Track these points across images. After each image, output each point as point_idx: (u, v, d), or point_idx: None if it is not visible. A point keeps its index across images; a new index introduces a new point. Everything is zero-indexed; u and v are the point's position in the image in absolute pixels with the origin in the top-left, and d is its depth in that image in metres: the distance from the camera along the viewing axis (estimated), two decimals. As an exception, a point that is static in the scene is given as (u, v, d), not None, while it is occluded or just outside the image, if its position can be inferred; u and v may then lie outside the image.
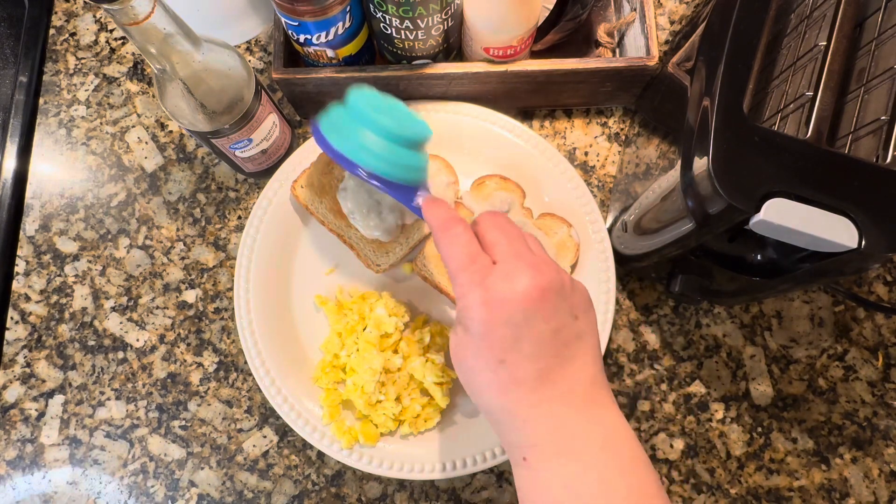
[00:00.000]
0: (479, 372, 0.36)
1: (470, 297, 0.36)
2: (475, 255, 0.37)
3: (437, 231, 0.39)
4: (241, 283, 0.55)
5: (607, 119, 0.63)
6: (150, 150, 0.63)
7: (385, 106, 0.44)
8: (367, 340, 0.52)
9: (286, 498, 0.55)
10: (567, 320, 0.36)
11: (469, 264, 0.37)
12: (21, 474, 0.56)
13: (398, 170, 0.42)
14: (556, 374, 0.35)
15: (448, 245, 0.38)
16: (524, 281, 0.35)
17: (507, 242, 0.38)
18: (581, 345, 0.37)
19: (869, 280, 0.59)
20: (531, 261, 0.36)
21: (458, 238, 0.38)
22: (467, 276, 0.36)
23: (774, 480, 0.54)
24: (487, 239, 0.38)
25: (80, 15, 0.67)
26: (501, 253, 0.37)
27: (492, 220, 0.40)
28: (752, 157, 0.36)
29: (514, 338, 0.35)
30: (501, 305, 0.35)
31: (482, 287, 0.36)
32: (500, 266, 0.36)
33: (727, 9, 0.42)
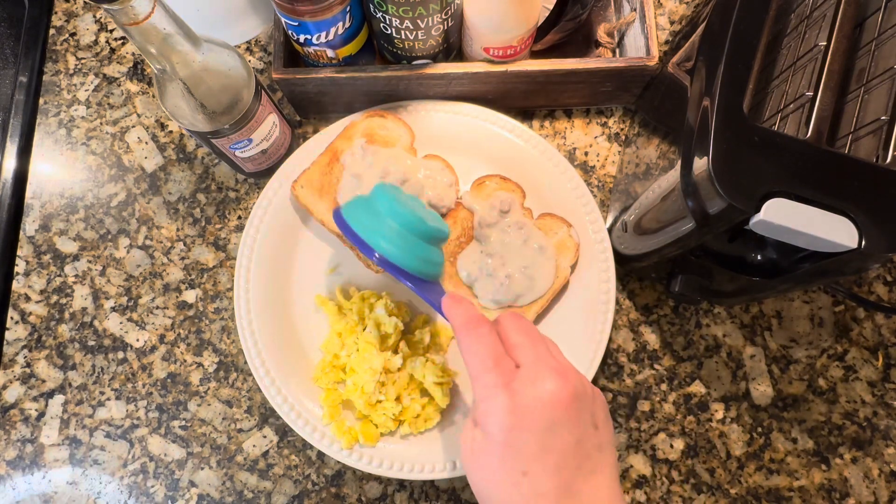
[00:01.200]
0: (499, 484, 0.34)
1: (494, 400, 0.34)
2: (500, 358, 0.36)
3: (461, 330, 0.38)
4: (241, 283, 0.55)
5: (607, 119, 0.63)
6: (150, 150, 0.63)
7: (406, 200, 0.45)
8: (367, 340, 0.52)
9: (286, 498, 0.55)
10: (590, 430, 0.35)
11: (494, 366, 0.35)
12: (21, 474, 0.56)
13: (414, 261, 0.42)
14: (578, 488, 0.34)
15: (472, 344, 0.37)
16: (550, 386, 0.34)
17: (532, 345, 0.37)
18: (602, 457, 0.35)
19: (869, 280, 0.59)
20: (555, 366, 0.36)
21: (483, 339, 0.37)
22: (491, 379, 0.35)
23: (774, 480, 0.54)
24: (511, 341, 0.37)
25: (80, 15, 0.67)
26: (525, 356, 0.36)
27: (515, 322, 0.39)
28: (752, 157, 0.36)
29: (539, 448, 0.34)
30: (527, 412, 0.34)
31: (508, 391, 0.34)
32: (524, 370, 0.35)
33: (727, 9, 0.42)
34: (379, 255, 0.42)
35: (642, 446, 0.55)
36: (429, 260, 0.44)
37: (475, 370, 0.36)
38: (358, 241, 0.43)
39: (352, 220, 0.44)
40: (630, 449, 0.55)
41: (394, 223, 0.42)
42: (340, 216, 0.45)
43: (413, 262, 0.42)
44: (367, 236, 0.42)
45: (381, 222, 0.43)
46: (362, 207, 0.44)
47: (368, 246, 0.42)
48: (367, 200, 0.45)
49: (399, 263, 0.42)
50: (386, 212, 0.43)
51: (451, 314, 0.40)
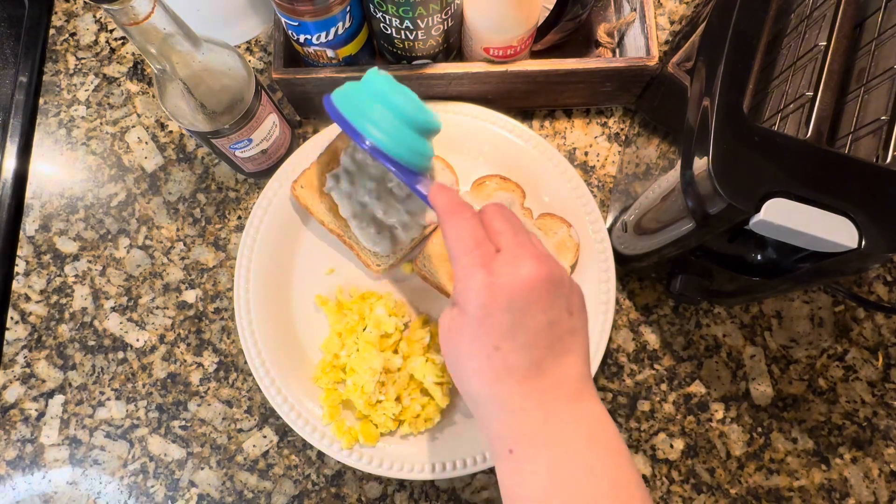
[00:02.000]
0: (471, 357, 0.36)
1: (472, 279, 0.36)
2: (480, 240, 0.37)
3: (444, 214, 0.39)
4: (241, 283, 0.55)
5: (607, 119, 0.63)
6: (150, 150, 0.63)
7: (400, 88, 0.44)
8: (367, 340, 0.52)
9: (286, 498, 0.55)
10: (563, 314, 0.36)
11: (474, 248, 0.37)
12: (21, 474, 0.56)
13: (404, 150, 0.42)
14: (548, 366, 0.36)
15: (454, 227, 0.38)
16: (527, 268, 0.35)
17: (513, 232, 0.38)
18: (574, 340, 0.37)
19: (869, 280, 0.59)
20: (534, 252, 0.37)
21: (465, 222, 0.38)
22: (471, 259, 0.36)
23: (774, 480, 0.54)
24: (493, 227, 0.38)
25: (80, 15, 0.67)
26: (506, 241, 0.37)
27: (497, 209, 0.40)
28: (752, 157, 0.36)
29: (512, 325, 0.35)
30: (503, 290, 0.35)
31: (486, 270, 0.36)
32: (504, 253, 0.37)
33: (727, 9, 0.42)
34: (370, 143, 0.41)
35: (642, 446, 0.55)
36: (419, 151, 0.43)
37: (456, 252, 0.37)
38: (348, 127, 0.42)
39: (342, 106, 0.43)
40: (630, 449, 0.55)
41: (386, 111, 0.41)
42: (331, 102, 0.43)
43: (404, 151, 0.42)
44: (358, 123, 0.42)
45: (372, 109, 0.42)
46: (353, 93, 0.43)
47: (359, 132, 0.41)
48: (359, 87, 0.43)
49: (390, 152, 0.41)
50: (379, 99, 0.42)
51: (436, 201, 0.40)
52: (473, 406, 0.38)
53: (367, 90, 0.43)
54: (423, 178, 0.44)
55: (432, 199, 0.41)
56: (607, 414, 0.37)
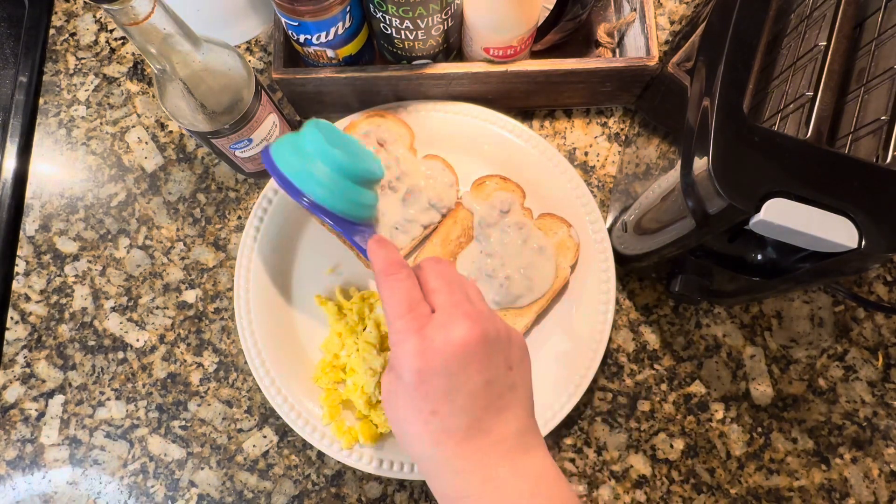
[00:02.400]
0: (410, 422, 0.36)
1: (405, 345, 0.35)
2: (414, 303, 0.37)
3: (380, 274, 0.38)
4: (241, 283, 0.55)
5: (607, 119, 0.63)
6: (150, 150, 0.63)
7: (339, 140, 0.43)
8: (367, 340, 0.52)
9: (286, 498, 0.55)
10: (500, 372, 0.36)
11: (407, 311, 0.36)
12: (21, 474, 0.56)
13: (344, 203, 0.41)
14: (488, 425, 0.35)
15: (388, 289, 0.37)
16: (460, 331, 0.35)
17: (448, 291, 0.37)
18: (513, 395, 0.37)
19: (869, 280, 0.59)
20: (469, 311, 0.36)
21: (399, 283, 0.37)
22: (404, 324, 0.36)
23: (774, 480, 0.54)
24: (428, 286, 0.38)
25: (80, 15, 0.67)
26: (440, 301, 0.37)
27: (434, 267, 0.39)
28: (752, 157, 0.36)
29: (448, 389, 0.35)
30: (436, 355, 0.35)
31: (419, 335, 0.35)
32: (437, 315, 0.36)
33: (727, 9, 0.42)
34: (308, 199, 0.40)
35: (642, 446, 0.55)
36: (359, 202, 0.42)
37: (391, 315, 0.37)
38: (286, 183, 0.41)
39: (280, 161, 0.42)
40: (630, 449, 0.55)
41: (323, 167, 0.41)
42: (269, 156, 0.43)
43: (342, 204, 0.41)
44: (295, 178, 0.41)
45: (309, 163, 0.41)
46: (291, 147, 0.42)
47: (297, 188, 0.41)
48: (295, 139, 0.43)
49: (328, 206, 0.41)
50: (315, 152, 0.41)
51: (373, 257, 0.40)
52: (420, 468, 0.38)
53: (305, 143, 0.42)
54: (364, 229, 0.43)
55: (371, 255, 0.40)
56: (553, 465, 0.37)
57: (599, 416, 0.56)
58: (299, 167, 0.41)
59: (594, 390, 0.56)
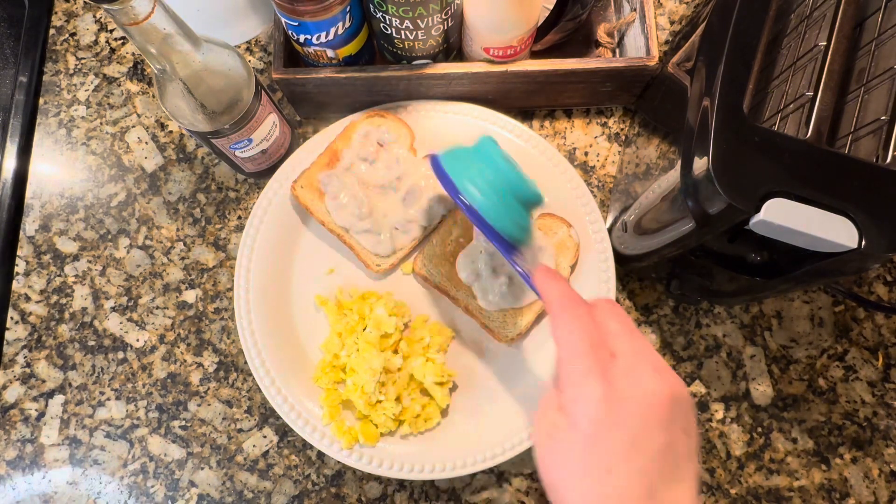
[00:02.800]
0: (578, 477, 0.32)
1: (587, 388, 0.32)
2: (596, 343, 0.34)
3: (556, 307, 0.36)
4: (241, 283, 0.55)
5: (607, 119, 0.63)
6: (150, 150, 0.63)
7: (508, 157, 0.44)
8: (367, 340, 0.52)
9: (286, 498, 0.55)
10: (681, 436, 0.33)
11: (589, 351, 0.33)
12: (21, 474, 0.56)
13: (502, 217, 0.41)
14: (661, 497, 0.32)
15: (566, 325, 0.35)
16: (650, 384, 0.32)
17: (631, 337, 0.35)
18: (689, 467, 0.33)
19: (869, 280, 0.59)
20: (657, 363, 0.34)
21: (580, 320, 0.35)
22: (585, 364, 0.33)
23: (774, 480, 0.54)
24: (607, 328, 0.35)
25: (80, 15, 0.67)
26: (623, 347, 0.34)
27: (613, 308, 0.37)
28: (752, 157, 0.36)
29: (630, 447, 0.31)
30: (623, 406, 0.32)
31: (603, 381, 0.32)
32: (622, 361, 0.33)
33: (727, 9, 0.42)
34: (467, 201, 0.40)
35: None
36: (517, 222, 0.42)
37: (568, 352, 0.34)
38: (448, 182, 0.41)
39: (448, 165, 0.42)
40: (630, 449, 0.55)
41: (490, 176, 0.41)
42: (436, 157, 0.43)
43: (504, 219, 0.41)
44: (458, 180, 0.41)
45: (477, 170, 0.41)
46: (462, 154, 0.43)
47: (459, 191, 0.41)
48: (469, 149, 0.43)
49: (489, 217, 0.41)
50: (485, 163, 0.41)
51: (546, 289, 0.38)
52: None
53: (476, 152, 0.43)
54: (520, 253, 0.43)
55: (539, 286, 0.38)
56: None
57: (599, 416, 0.56)
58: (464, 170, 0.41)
59: (594, 390, 0.56)
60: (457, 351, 0.56)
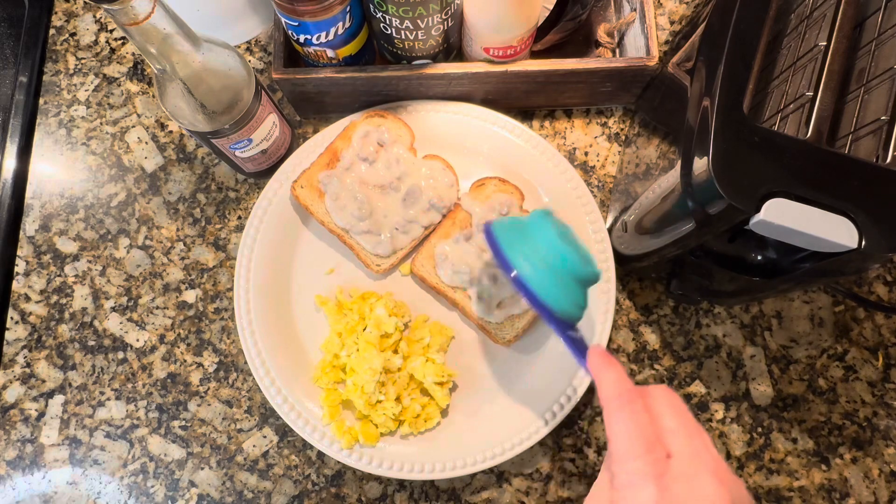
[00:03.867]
0: None
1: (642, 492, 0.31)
2: (652, 444, 0.32)
3: (613, 401, 0.35)
4: (241, 283, 0.55)
5: (607, 119, 0.63)
6: (150, 150, 0.63)
7: (565, 231, 0.43)
8: (367, 340, 0.52)
9: (286, 498, 0.55)
10: None
11: (645, 452, 0.32)
12: (21, 474, 0.56)
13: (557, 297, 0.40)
14: None
15: (623, 422, 0.34)
16: (708, 490, 0.31)
17: (687, 435, 0.33)
18: None
19: (869, 280, 0.59)
20: (714, 467, 0.32)
21: (636, 417, 0.33)
22: (640, 466, 0.32)
23: (774, 480, 0.54)
24: (664, 424, 0.34)
25: (80, 15, 0.67)
26: (679, 447, 0.33)
27: (669, 399, 0.35)
28: (752, 157, 0.36)
29: None
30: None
31: (659, 486, 0.31)
32: (679, 464, 0.32)
33: (727, 9, 0.42)
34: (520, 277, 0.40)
35: None
36: (571, 300, 0.41)
37: (623, 451, 0.33)
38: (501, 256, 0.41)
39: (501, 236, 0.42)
40: (630, 449, 0.55)
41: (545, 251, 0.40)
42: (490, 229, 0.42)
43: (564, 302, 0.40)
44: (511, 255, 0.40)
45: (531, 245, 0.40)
46: (517, 227, 0.42)
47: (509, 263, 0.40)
48: (524, 222, 0.43)
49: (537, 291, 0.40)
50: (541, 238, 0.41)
51: (601, 376, 0.37)
52: None
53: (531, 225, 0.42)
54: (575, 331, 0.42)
55: (593, 370, 0.38)
56: None
57: (599, 416, 0.56)
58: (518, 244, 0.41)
59: (594, 390, 0.56)
60: (457, 351, 0.56)
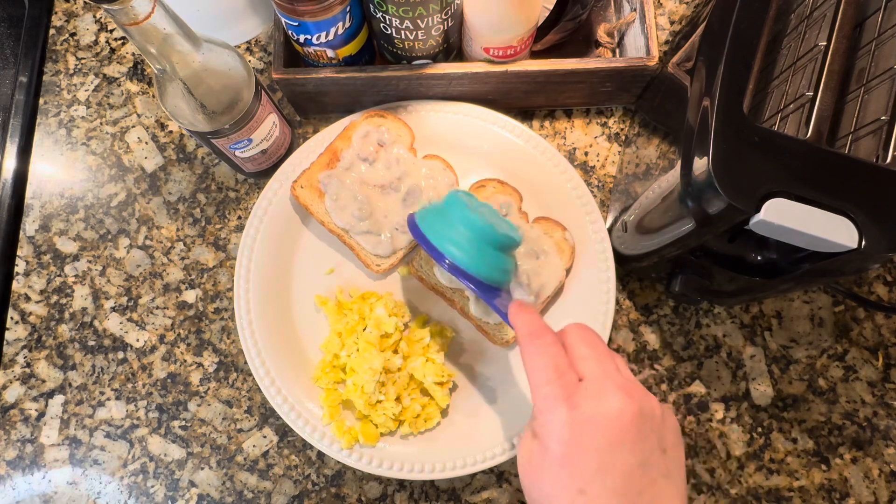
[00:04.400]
0: (553, 498, 0.33)
1: (554, 413, 0.33)
2: (563, 370, 0.35)
3: (525, 338, 0.37)
4: (241, 283, 0.55)
5: (607, 119, 0.63)
6: (150, 150, 0.63)
7: (478, 206, 0.46)
8: (367, 340, 0.52)
9: (286, 498, 0.55)
10: (655, 453, 0.33)
11: (556, 378, 0.34)
12: (21, 474, 0.56)
13: (484, 267, 0.43)
14: None
15: (535, 354, 0.36)
16: (614, 403, 0.33)
17: (598, 359, 0.35)
18: (667, 485, 0.33)
19: (869, 280, 0.59)
20: (622, 383, 0.34)
21: (547, 349, 0.36)
22: (552, 390, 0.34)
23: (774, 480, 0.54)
24: (576, 352, 0.36)
25: (80, 15, 0.67)
26: (590, 370, 0.35)
27: (581, 333, 0.38)
28: (752, 157, 0.36)
29: (598, 466, 0.32)
30: (588, 427, 0.33)
31: (569, 404, 0.33)
32: (588, 384, 0.34)
33: (727, 9, 0.42)
34: (449, 262, 0.43)
35: None
36: (499, 267, 0.44)
37: (536, 381, 0.35)
38: (429, 246, 0.44)
39: (424, 226, 0.45)
40: (630, 449, 0.55)
41: (465, 229, 0.43)
42: (414, 222, 0.46)
43: (483, 268, 0.43)
44: (438, 242, 0.43)
45: (452, 229, 0.43)
46: (435, 214, 0.46)
47: (439, 252, 0.43)
48: (439, 208, 0.46)
49: (469, 269, 0.43)
50: (458, 219, 0.44)
51: (516, 322, 0.39)
52: None
53: (448, 210, 0.45)
54: (501, 293, 0.45)
55: (512, 319, 0.40)
56: None
57: (599, 416, 0.56)
58: (442, 231, 0.44)
59: (594, 390, 0.56)
60: (457, 351, 0.56)
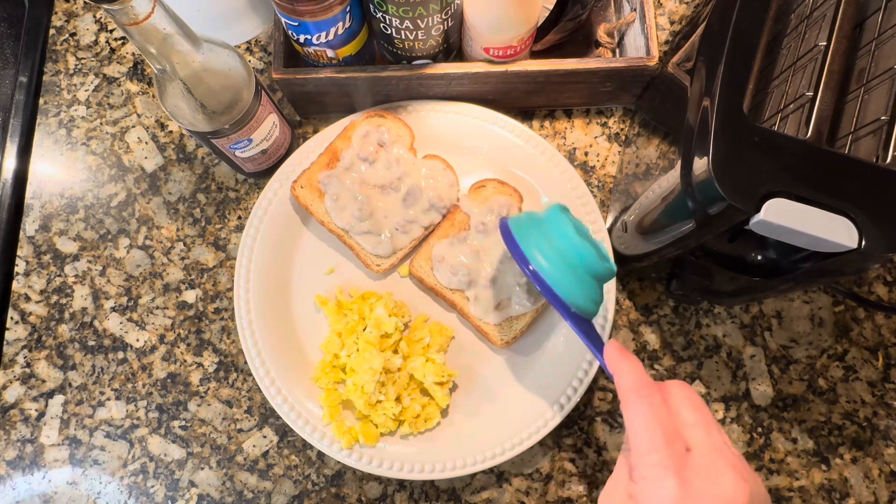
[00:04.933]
0: None
1: (663, 485, 0.31)
2: (671, 437, 0.32)
3: (629, 393, 0.35)
4: (241, 283, 0.55)
5: (607, 119, 0.63)
6: (150, 150, 0.63)
7: (580, 226, 0.43)
8: (367, 340, 0.52)
9: (286, 498, 0.55)
10: None
11: (664, 445, 0.32)
12: (21, 474, 0.56)
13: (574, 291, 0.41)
14: None
15: (640, 413, 0.34)
16: (728, 485, 0.31)
17: (706, 430, 0.33)
18: None
19: (869, 280, 0.59)
20: (734, 461, 0.32)
21: (655, 410, 0.33)
22: (660, 459, 0.32)
23: (774, 480, 0.54)
24: (682, 418, 0.34)
25: (80, 15, 0.67)
26: (699, 441, 0.33)
27: (685, 393, 0.35)
28: (752, 157, 0.36)
29: None
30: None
31: (679, 478, 0.31)
32: (699, 458, 0.32)
33: (727, 9, 0.42)
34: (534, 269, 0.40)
35: None
36: (586, 294, 0.41)
37: (642, 444, 0.33)
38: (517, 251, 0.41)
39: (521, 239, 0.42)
40: (630, 449, 0.55)
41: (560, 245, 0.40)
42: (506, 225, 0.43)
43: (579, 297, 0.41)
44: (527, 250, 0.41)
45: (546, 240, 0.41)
46: (532, 223, 0.43)
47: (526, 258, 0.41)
48: (539, 218, 0.43)
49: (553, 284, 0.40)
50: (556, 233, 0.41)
51: (618, 370, 0.37)
52: None
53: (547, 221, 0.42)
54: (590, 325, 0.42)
55: (611, 366, 0.38)
56: None
57: (599, 416, 0.56)
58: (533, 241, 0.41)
59: (594, 390, 0.56)
60: (457, 351, 0.56)
